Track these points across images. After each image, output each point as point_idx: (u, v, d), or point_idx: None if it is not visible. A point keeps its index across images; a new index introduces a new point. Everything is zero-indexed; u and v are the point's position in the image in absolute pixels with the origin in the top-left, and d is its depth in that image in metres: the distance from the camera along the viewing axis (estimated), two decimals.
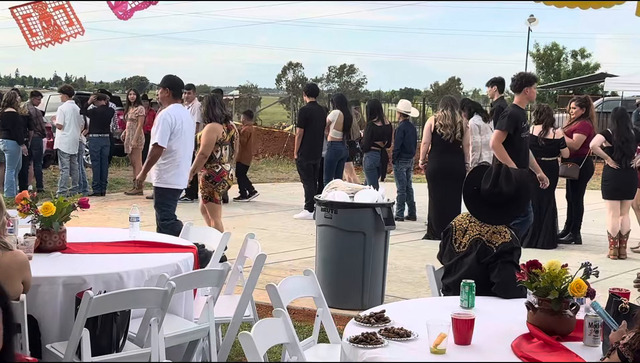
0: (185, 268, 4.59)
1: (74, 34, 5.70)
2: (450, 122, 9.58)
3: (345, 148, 12.19)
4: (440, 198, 9.77)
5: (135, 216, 5.19)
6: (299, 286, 4.15)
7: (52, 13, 5.63)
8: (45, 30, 5.65)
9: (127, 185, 14.65)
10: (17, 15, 5.67)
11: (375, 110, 11.78)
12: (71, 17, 5.68)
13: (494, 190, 4.19)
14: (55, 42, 5.68)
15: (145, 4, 5.31)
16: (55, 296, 4.03)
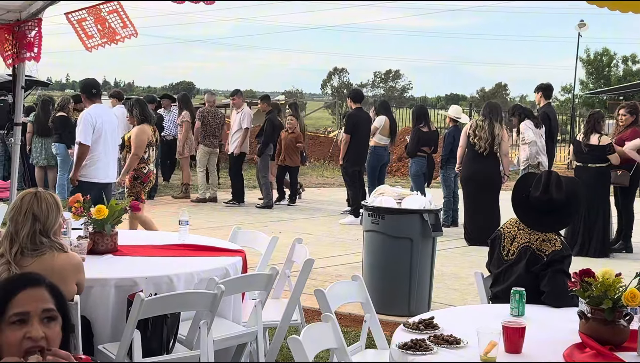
0: (234, 271, 4.62)
1: (128, 35, 5.79)
2: (485, 135, 9.57)
3: (388, 153, 12.22)
4: (472, 204, 9.86)
5: (185, 219, 5.25)
6: (347, 292, 4.16)
7: (107, 17, 5.73)
8: (101, 33, 5.75)
9: (175, 189, 14.81)
10: (72, 20, 5.78)
11: (422, 116, 11.74)
12: (125, 19, 5.77)
13: (544, 197, 4.14)
14: (111, 42, 5.77)
15: None
16: (108, 298, 4.09)
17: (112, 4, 5.75)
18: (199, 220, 10.57)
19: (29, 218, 3.74)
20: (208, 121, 13.24)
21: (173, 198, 13.94)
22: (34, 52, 6.15)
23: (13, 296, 2.14)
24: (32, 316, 2.13)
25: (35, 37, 6.12)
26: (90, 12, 5.76)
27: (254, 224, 10.67)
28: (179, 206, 12.54)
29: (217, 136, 13.34)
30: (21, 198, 3.79)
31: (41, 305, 2.15)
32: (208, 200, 13.38)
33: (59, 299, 2.24)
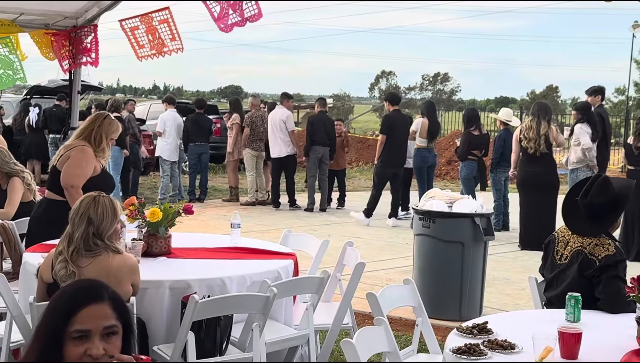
0: (286, 274, 4.65)
1: (175, 49, 5.90)
2: (533, 135, 9.49)
3: (433, 155, 12.21)
4: (527, 207, 9.77)
5: (237, 222, 5.30)
6: (399, 296, 4.15)
7: (158, 26, 5.84)
8: (151, 43, 5.87)
9: (224, 192, 14.94)
10: (126, 28, 5.91)
11: (473, 119, 11.68)
12: (174, 31, 5.87)
13: (583, 201, 4.09)
14: (159, 55, 5.88)
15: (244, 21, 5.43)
16: (162, 300, 4.15)
17: (163, 12, 5.86)
18: (249, 223, 10.64)
19: (84, 220, 3.84)
20: (256, 125, 13.33)
21: (222, 201, 14.06)
22: (91, 57, 6.30)
23: (76, 312, 2.16)
24: (94, 334, 2.16)
25: (92, 43, 6.27)
26: (143, 20, 5.88)
27: (303, 227, 10.71)
28: (229, 209, 12.67)
29: (263, 140, 13.40)
30: (81, 200, 3.90)
31: (102, 323, 2.18)
32: (257, 203, 13.46)
33: (121, 310, 2.26)
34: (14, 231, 5.70)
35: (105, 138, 5.37)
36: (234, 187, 14.08)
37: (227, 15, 5.37)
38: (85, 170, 5.26)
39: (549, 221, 9.23)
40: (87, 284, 2.31)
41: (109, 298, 2.24)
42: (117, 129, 5.47)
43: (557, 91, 75.14)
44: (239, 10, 5.32)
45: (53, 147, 15.04)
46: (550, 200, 9.61)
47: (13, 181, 6.21)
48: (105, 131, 5.37)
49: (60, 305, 2.20)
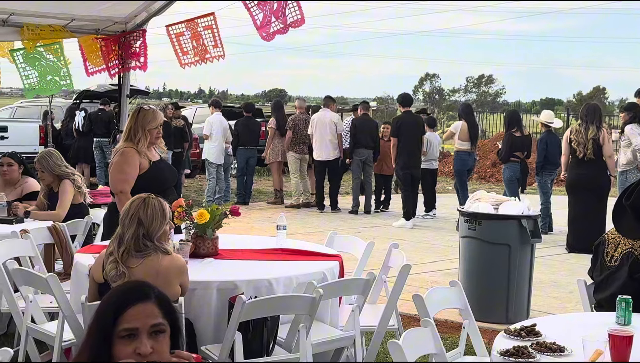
0: (331, 276, 4.65)
1: (217, 57, 5.96)
2: (582, 140, 9.39)
3: (473, 158, 12.15)
4: (576, 210, 9.66)
5: (283, 224, 5.32)
6: (445, 298, 4.13)
7: (202, 32, 5.90)
8: (195, 50, 5.93)
9: (269, 195, 15.02)
10: (172, 34, 5.99)
11: (514, 121, 11.62)
12: (217, 38, 5.93)
13: (627, 203, 4.02)
14: (202, 61, 5.94)
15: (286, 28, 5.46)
16: (210, 300, 4.18)
17: (208, 18, 5.93)
18: (294, 225, 10.68)
19: (134, 222, 3.90)
20: (299, 129, 13.36)
21: (267, 203, 14.13)
22: (140, 61, 6.40)
23: (123, 311, 2.19)
24: (141, 332, 2.18)
25: (141, 47, 6.37)
26: (188, 26, 5.95)
27: (348, 230, 10.71)
28: (273, 211, 12.74)
29: (306, 143, 13.42)
30: (131, 202, 3.96)
31: (149, 321, 2.20)
32: (302, 205, 13.50)
33: (168, 309, 2.29)
34: (65, 233, 5.81)
35: (143, 130, 5.33)
36: (278, 190, 14.15)
37: (269, 23, 5.40)
38: (129, 173, 5.28)
39: (598, 225, 9.10)
40: (134, 285, 2.35)
41: (155, 298, 2.26)
42: (154, 118, 5.39)
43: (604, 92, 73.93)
44: (282, 17, 5.35)
45: (98, 150, 15.26)
46: (600, 203, 9.47)
47: (64, 184, 6.33)
48: (142, 123, 5.34)
49: (108, 305, 2.24)
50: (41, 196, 6.48)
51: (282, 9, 5.38)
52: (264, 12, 5.42)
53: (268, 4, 5.38)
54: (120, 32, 6.50)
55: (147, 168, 5.32)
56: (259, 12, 5.47)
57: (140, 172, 5.29)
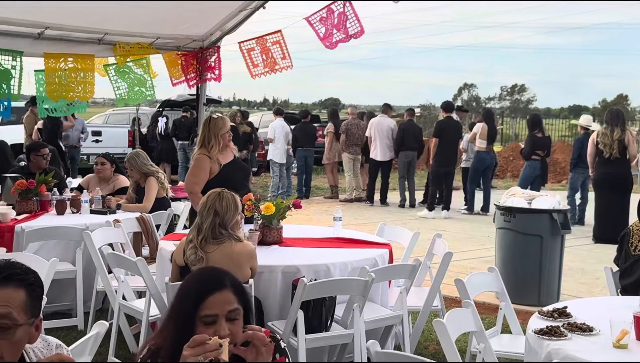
0: (382, 262, 4.63)
1: (285, 67, 5.96)
2: (608, 141, 9.20)
3: (492, 156, 12.18)
4: (602, 205, 9.44)
5: (339, 216, 5.32)
6: (483, 282, 4.08)
7: (271, 47, 5.92)
8: (264, 62, 5.95)
9: (325, 190, 15.03)
10: (243, 49, 6.02)
11: (536, 123, 11.70)
12: (285, 51, 5.94)
13: None
14: (271, 72, 5.96)
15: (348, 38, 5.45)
16: (275, 282, 4.20)
17: (276, 35, 5.94)
18: (348, 217, 10.64)
19: (211, 213, 3.93)
20: (352, 133, 13.37)
21: (324, 198, 14.16)
22: (215, 73, 6.45)
23: (204, 299, 2.21)
24: (220, 317, 2.20)
25: (216, 61, 6.42)
26: (258, 42, 5.97)
27: (395, 221, 10.64)
28: (330, 205, 12.74)
29: (359, 145, 13.42)
30: (208, 196, 3.99)
31: (227, 307, 2.22)
32: (354, 200, 13.50)
33: (241, 294, 2.30)
34: (151, 223, 5.90)
35: (215, 137, 5.38)
36: (333, 186, 14.18)
37: (331, 35, 5.40)
38: (199, 177, 5.36)
39: (621, 218, 8.87)
40: (212, 274, 2.34)
41: (231, 285, 2.27)
42: (224, 124, 5.43)
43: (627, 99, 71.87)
44: (343, 29, 5.35)
45: (182, 152, 15.46)
46: (623, 199, 9.24)
47: (150, 181, 6.43)
48: (214, 131, 5.40)
49: (190, 293, 2.26)
50: (130, 190, 6.58)
51: (343, 22, 5.38)
52: (326, 26, 5.43)
53: (329, 19, 5.39)
54: (198, 49, 6.56)
55: (217, 171, 5.39)
56: (322, 27, 5.47)
57: (211, 176, 5.36)
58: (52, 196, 6.30)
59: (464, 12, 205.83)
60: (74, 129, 13.65)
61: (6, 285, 1.97)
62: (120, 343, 4.75)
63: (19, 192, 6.00)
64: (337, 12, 5.41)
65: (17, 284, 1.99)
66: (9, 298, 1.96)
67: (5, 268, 2.01)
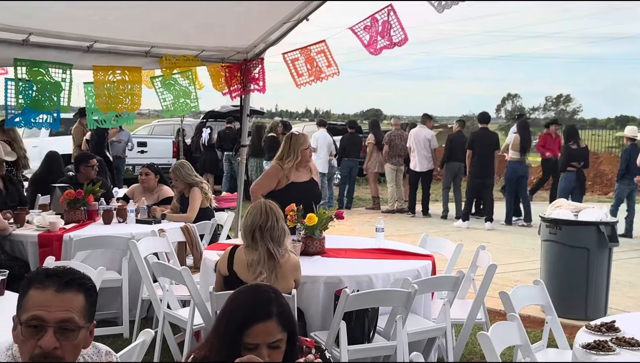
0: (425, 273, 4.60)
1: (331, 74, 5.98)
2: None
3: (524, 167, 12.09)
4: None
5: (381, 227, 5.30)
6: (529, 295, 4.02)
7: (315, 57, 5.94)
8: (309, 71, 5.98)
9: (367, 201, 14.99)
10: (287, 60, 6.05)
11: (572, 134, 11.66)
12: (330, 59, 5.96)
13: None
14: (316, 80, 5.99)
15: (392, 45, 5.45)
16: (318, 293, 4.21)
17: (320, 45, 5.96)
18: (390, 228, 10.60)
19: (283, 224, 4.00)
20: (395, 144, 13.36)
21: (366, 209, 14.13)
22: (259, 85, 6.50)
23: (248, 327, 2.23)
24: (261, 347, 2.23)
25: (259, 73, 6.47)
26: (302, 52, 6.00)
27: (437, 233, 10.54)
28: (371, 216, 12.71)
29: (402, 156, 13.39)
30: (269, 208, 4.00)
31: (269, 339, 2.23)
32: (397, 211, 13.45)
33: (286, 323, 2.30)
34: (195, 232, 5.97)
35: (294, 152, 5.51)
36: (375, 197, 14.15)
37: (376, 41, 5.41)
38: (268, 183, 5.52)
39: None
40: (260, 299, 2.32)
41: (277, 314, 2.27)
42: (305, 140, 5.60)
43: None
44: (387, 36, 5.36)
45: (227, 163, 15.53)
46: None
47: (194, 191, 6.50)
48: (294, 146, 5.54)
49: (236, 317, 2.27)
50: (174, 201, 6.66)
51: (387, 30, 5.38)
52: (370, 33, 5.45)
53: (373, 27, 5.40)
54: (242, 60, 6.62)
55: (283, 185, 5.50)
56: (366, 35, 5.49)
57: (277, 188, 5.49)
58: (99, 205, 6.42)
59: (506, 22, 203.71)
60: (120, 140, 13.87)
61: (68, 290, 2.04)
62: (164, 352, 4.81)
63: (67, 202, 6.13)
64: (382, 21, 5.41)
65: (77, 289, 2.07)
66: (71, 303, 2.03)
67: (66, 274, 2.08)
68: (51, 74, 5.32)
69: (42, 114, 5.36)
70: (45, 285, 2.03)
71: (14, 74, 5.17)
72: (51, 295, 2.02)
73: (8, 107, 5.18)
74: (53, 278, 2.05)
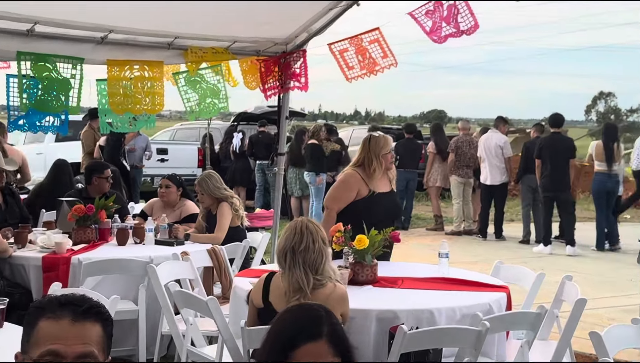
0: (498, 308, 4.56)
1: (387, 66, 6.01)
2: None
3: (614, 180, 11.87)
4: None
5: (445, 252, 5.28)
6: (626, 336, 3.95)
7: (368, 47, 5.98)
8: (361, 63, 6.02)
9: (427, 221, 14.91)
10: (335, 51, 6.10)
11: None
12: (385, 49, 5.99)
13: None
14: (370, 73, 6.02)
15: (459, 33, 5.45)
16: (369, 329, 4.19)
17: (373, 33, 6.00)
18: (456, 254, 10.48)
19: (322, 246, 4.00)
20: (463, 152, 13.25)
21: (426, 229, 14.05)
22: (301, 81, 6.55)
23: (294, 349, 2.24)
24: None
25: (301, 68, 6.52)
26: (352, 42, 6.04)
27: (513, 260, 10.44)
28: (433, 238, 12.65)
29: (471, 166, 13.29)
30: (305, 227, 4.01)
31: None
32: (463, 233, 13.33)
33: (339, 344, 2.31)
34: (224, 256, 6.01)
35: (376, 157, 5.58)
36: (438, 216, 14.04)
37: (440, 28, 5.42)
38: (344, 194, 5.58)
39: None
40: (308, 316, 2.36)
41: (327, 335, 2.28)
42: (386, 143, 5.66)
43: None
44: (454, 23, 5.37)
45: (260, 173, 15.58)
46: None
47: (222, 207, 6.55)
48: (374, 150, 5.61)
49: (280, 338, 2.29)
50: (200, 218, 6.72)
51: (454, 16, 5.39)
52: (433, 19, 5.46)
53: (437, 11, 5.42)
54: (280, 53, 6.68)
55: (365, 195, 5.58)
56: (428, 20, 5.51)
57: (356, 198, 5.56)
58: (113, 223, 6.52)
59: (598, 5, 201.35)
60: (135, 148, 13.91)
61: (85, 320, 2.08)
62: None
63: (76, 219, 6.23)
64: (447, 5, 5.42)
65: (94, 319, 2.10)
66: (90, 335, 2.07)
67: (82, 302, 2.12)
68: (59, 69, 5.45)
69: (48, 116, 5.49)
70: (58, 315, 2.05)
71: (17, 70, 5.30)
72: (67, 326, 2.04)
73: (11, 108, 5.30)
74: (68, 307, 2.07)
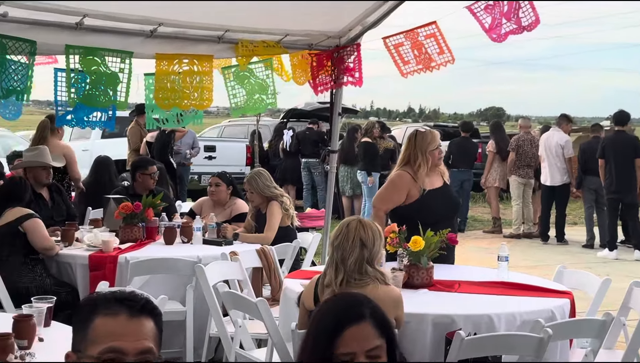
0: (561, 315, 4.51)
1: (444, 62, 5.98)
2: None
3: None
4: None
5: (505, 255, 5.24)
6: None
7: (424, 41, 5.96)
8: (417, 58, 6.00)
9: (484, 223, 14.81)
10: (389, 45, 6.09)
11: None
12: (442, 45, 5.96)
13: None
14: (426, 69, 6.00)
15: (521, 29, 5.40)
16: (425, 334, 4.18)
17: (430, 27, 5.97)
18: (515, 257, 10.37)
19: (357, 244, 3.97)
20: (524, 151, 13.15)
21: (484, 232, 13.96)
22: (355, 76, 6.54)
23: (339, 334, 2.28)
24: (358, 355, 2.28)
25: (355, 62, 6.51)
26: (408, 36, 6.03)
27: (576, 264, 10.31)
28: (490, 241, 12.57)
29: (532, 166, 13.16)
30: (347, 224, 4.04)
31: (366, 345, 2.29)
32: (523, 236, 13.22)
33: (382, 326, 2.35)
34: (274, 256, 6.04)
35: (423, 154, 5.60)
36: (496, 218, 13.94)
37: (499, 25, 5.38)
38: (392, 196, 5.61)
39: None
40: (348, 301, 2.42)
41: (370, 316, 2.34)
42: (434, 139, 5.67)
43: None
44: (515, 19, 5.32)
45: (306, 171, 15.60)
46: None
47: (272, 206, 6.59)
48: (420, 147, 5.64)
49: (324, 326, 2.34)
50: (249, 217, 6.77)
51: (515, 11, 5.35)
52: (493, 15, 5.42)
53: (497, 6, 5.39)
54: (333, 47, 6.69)
55: (416, 197, 5.59)
56: (487, 16, 5.47)
57: (408, 201, 5.58)
58: (160, 222, 6.60)
59: None
60: (183, 143, 14.06)
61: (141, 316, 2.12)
62: None
63: (124, 217, 6.32)
64: None
65: (148, 315, 2.15)
66: (147, 331, 2.11)
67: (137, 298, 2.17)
68: (107, 63, 5.52)
69: (95, 111, 5.56)
70: (115, 311, 2.09)
71: (66, 64, 5.38)
72: (125, 322, 2.08)
73: (58, 103, 5.39)
74: (124, 303, 2.12)
